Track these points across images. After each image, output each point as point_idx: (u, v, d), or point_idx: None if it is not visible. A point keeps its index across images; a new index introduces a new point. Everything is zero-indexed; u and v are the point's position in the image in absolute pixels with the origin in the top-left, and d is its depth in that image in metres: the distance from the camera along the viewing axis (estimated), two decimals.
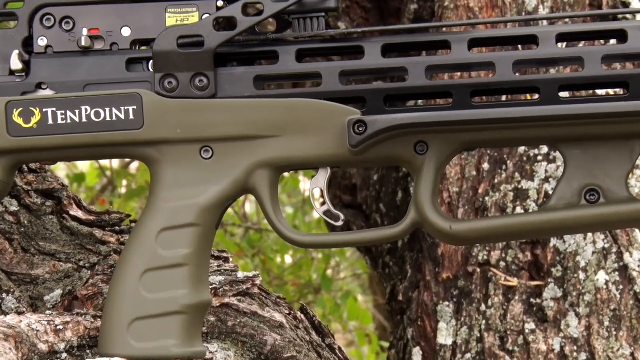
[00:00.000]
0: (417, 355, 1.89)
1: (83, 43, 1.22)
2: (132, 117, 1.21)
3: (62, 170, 4.35)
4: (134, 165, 4.33)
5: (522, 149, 1.84)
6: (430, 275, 1.89)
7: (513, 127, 1.17)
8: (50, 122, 1.21)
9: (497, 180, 1.85)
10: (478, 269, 1.84)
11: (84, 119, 1.21)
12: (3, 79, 1.23)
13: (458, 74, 1.64)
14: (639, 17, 1.65)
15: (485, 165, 1.87)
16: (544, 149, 1.83)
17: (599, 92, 1.60)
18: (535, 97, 1.19)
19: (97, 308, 1.33)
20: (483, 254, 1.83)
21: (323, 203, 1.24)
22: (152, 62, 1.22)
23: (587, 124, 1.16)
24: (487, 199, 1.85)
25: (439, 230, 1.19)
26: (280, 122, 1.20)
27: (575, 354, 1.75)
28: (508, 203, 1.83)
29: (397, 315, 2.01)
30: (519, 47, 1.28)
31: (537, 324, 1.78)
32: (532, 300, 1.80)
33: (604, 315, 1.75)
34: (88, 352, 1.26)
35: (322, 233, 1.47)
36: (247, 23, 1.20)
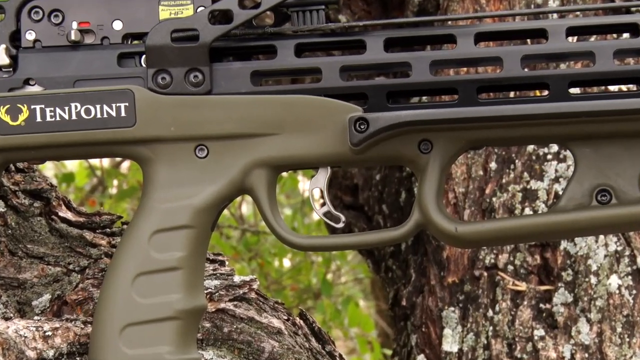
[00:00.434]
0: None
1: (73, 37, 1.22)
2: (123, 114, 1.21)
3: (49, 170, 4.35)
4: (125, 165, 4.33)
5: (531, 148, 1.85)
6: (435, 280, 1.89)
7: (521, 124, 1.17)
8: (39, 119, 1.21)
9: (504, 180, 1.86)
10: (485, 273, 1.84)
11: (74, 116, 1.21)
12: None
13: (464, 70, 1.64)
14: None
15: (493, 165, 1.87)
16: (554, 148, 1.84)
17: (611, 88, 1.60)
18: (545, 93, 1.19)
19: (87, 313, 1.34)
20: (490, 257, 1.84)
21: (323, 204, 1.24)
22: (144, 57, 1.22)
23: (598, 122, 1.16)
24: (494, 200, 1.85)
25: (444, 232, 1.20)
26: (278, 119, 1.21)
27: None
28: (516, 204, 1.84)
29: (400, 321, 2.02)
30: (528, 41, 1.28)
31: (546, 331, 1.79)
32: (541, 306, 1.80)
33: (617, 321, 1.75)
34: (78, 359, 1.27)
35: (322, 235, 1.47)
36: (243, 16, 1.20)
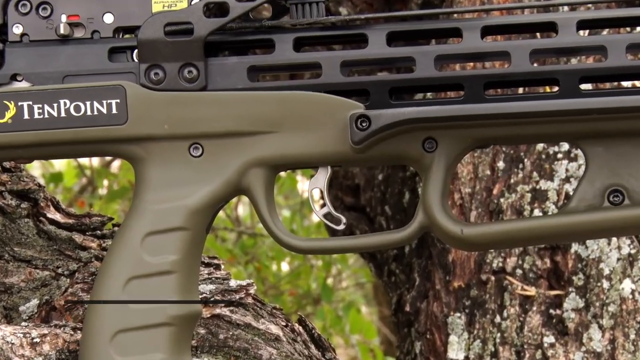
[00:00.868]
0: None
1: (62, 31, 1.23)
2: (115, 111, 1.21)
3: (36, 169, 4.35)
4: (116, 164, 4.33)
5: (540, 146, 1.85)
6: (440, 284, 1.89)
7: (530, 122, 1.18)
8: (26, 116, 1.22)
9: (513, 180, 1.86)
10: (492, 277, 1.84)
11: (63, 114, 1.22)
12: None
13: (470, 65, 1.65)
14: None
15: (500, 164, 1.88)
16: (564, 146, 1.84)
17: (624, 84, 1.60)
18: (555, 89, 1.20)
19: (76, 319, 1.34)
20: (498, 261, 1.84)
21: (323, 205, 1.24)
22: (136, 51, 1.22)
23: (610, 119, 1.17)
24: (502, 201, 1.85)
25: (450, 235, 1.20)
26: (276, 116, 1.21)
27: None
28: (525, 205, 1.84)
29: (403, 328, 2.02)
30: (537, 35, 1.28)
31: (556, 337, 1.79)
32: (551, 311, 1.81)
33: (630, 328, 1.76)
34: None
35: (322, 238, 1.48)
36: (240, 9, 1.20)
